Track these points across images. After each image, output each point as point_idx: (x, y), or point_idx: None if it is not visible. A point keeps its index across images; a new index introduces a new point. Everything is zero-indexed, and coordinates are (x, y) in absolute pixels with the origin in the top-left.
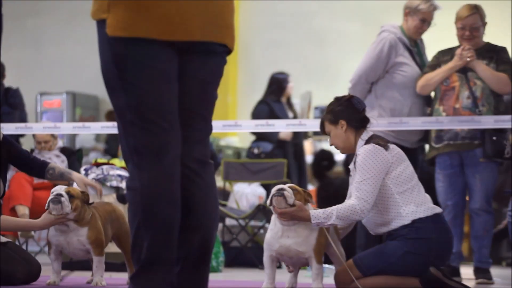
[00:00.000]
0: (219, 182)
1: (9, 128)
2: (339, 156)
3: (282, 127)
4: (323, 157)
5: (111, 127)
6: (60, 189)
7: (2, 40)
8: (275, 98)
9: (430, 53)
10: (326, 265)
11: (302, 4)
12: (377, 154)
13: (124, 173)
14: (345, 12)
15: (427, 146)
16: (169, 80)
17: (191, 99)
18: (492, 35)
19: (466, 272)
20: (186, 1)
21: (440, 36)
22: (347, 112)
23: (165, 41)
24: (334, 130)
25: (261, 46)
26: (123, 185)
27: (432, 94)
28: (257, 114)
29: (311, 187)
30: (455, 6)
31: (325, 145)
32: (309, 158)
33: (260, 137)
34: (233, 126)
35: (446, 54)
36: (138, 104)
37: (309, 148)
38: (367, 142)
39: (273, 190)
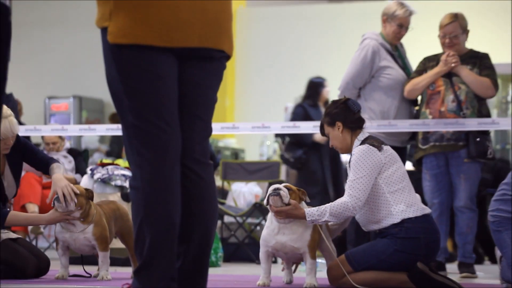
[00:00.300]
0: (218, 181)
1: (19, 130)
2: None
3: (278, 129)
4: None
5: (115, 129)
6: None
7: (12, 48)
8: (311, 102)
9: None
10: (319, 260)
11: (297, 12)
12: (370, 155)
13: (128, 173)
14: (339, 20)
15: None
16: (169, 84)
17: (191, 102)
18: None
19: (451, 267)
20: (184, 10)
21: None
22: (342, 114)
23: (164, 47)
24: (332, 132)
25: (258, 52)
26: (127, 184)
27: (419, 97)
28: (293, 117)
29: None
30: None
31: None
32: None
33: (294, 142)
34: (231, 128)
35: (432, 60)
36: (139, 107)
37: None
38: (363, 142)
39: (270, 189)
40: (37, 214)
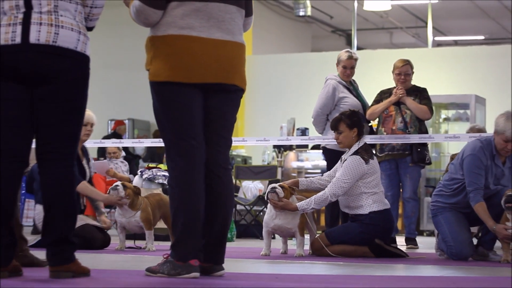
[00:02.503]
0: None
1: (89, 142)
2: None
3: (275, 142)
4: None
5: (157, 142)
6: (118, 182)
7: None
8: None
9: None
10: (306, 236)
11: (290, 59)
12: (358, 165)
13: (167, 174)
14: (320, 65)
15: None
16: (194, 110)
17: (215, 124)
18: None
19: (400, 240)
20: (201, 57)
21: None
22: (361, 124)
23: (187, 83)
24: (347, 132)
25: (261, 88)
26: (166, 182)
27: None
28: None
29: None
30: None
31: (305, 155)
32: (294, 164)
33: None
34: (241, 141)
35: (386, 93)
36: (172, 128)
37: (293, 157)
38: (358, 151)
39: (268, 188)
40: (99, 192)
